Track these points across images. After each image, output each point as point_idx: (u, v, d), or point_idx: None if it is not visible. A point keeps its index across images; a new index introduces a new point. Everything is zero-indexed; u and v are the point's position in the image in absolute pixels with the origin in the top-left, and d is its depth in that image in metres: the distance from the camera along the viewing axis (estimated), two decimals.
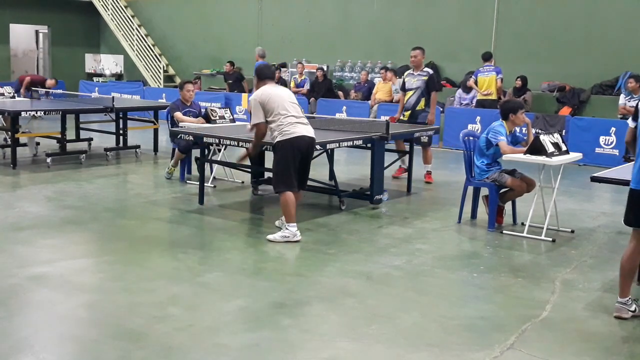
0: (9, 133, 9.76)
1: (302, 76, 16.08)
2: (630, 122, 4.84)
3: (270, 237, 6.11)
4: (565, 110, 13.04)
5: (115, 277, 5.07)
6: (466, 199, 7.06)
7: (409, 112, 9.21)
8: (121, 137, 11.06)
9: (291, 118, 6.10)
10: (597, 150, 11.44)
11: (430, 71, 9.30)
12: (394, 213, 7.48)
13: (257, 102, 6.11)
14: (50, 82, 16.00)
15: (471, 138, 7.16)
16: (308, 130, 6.20)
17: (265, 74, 6.39)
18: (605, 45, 13.29)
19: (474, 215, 7.20)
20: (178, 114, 8.74)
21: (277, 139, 6.09)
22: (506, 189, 6.88)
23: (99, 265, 5.35)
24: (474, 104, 13.53)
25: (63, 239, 6.05)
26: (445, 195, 8.54)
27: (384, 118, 10.08)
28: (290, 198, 6.06)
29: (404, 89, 9.38)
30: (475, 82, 13.14)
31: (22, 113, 9.49)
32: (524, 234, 6.49)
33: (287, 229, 6.08)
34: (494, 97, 12.92)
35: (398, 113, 9.48)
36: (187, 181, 8.75)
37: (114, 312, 4.35)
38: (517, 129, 7.14)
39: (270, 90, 6.17)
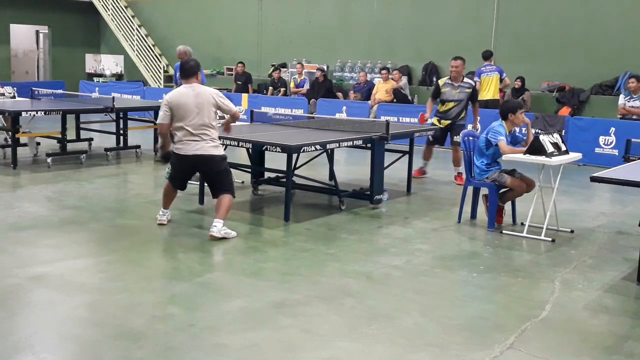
0: (10, 133, 9.76)
1: (301, 76, 16.09)
2: None
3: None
4: (565, 111, 13.05)
5: (115, 277, 5.08)
6: (466, 199, 7.07)
7: (449, 122, 9.21)
8: (121, 137, 11.07)
9: (184, 132, 6.10)
10: (597, 150, 11.45)
11: (473, 82, 9.30)
12: (393, 213, 7.49)
13: (165, 104, 6.13)
14: None
15: (471, 138, 7.17)
16: (196, 148, 6.13)
17: (185, 72, 6.25)
18: (605, 45, 13.30)
19: (473, 215, 7.21)
20: None
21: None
22: (506, 189, 6.88)
23: (99, 265, 5.36)
24: None
25: (63, 239, 6.05)
26: (445, 195, 8.55)
27: (384, 118, 10.09)
28: (166, 187, 6.61)
29: (437, 96, 9.25)
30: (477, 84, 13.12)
31: (23, 113, 9.49)
32: (524, 234, 6.50)
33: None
34: (496, 97, 12.96)
35: (428, 113, 9.44)
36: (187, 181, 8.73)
37: (114, 312, 4.35)
38: (517, 129, 7.15)
39: (182, 94, 6.12)
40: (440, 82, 9.29)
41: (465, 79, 9.24)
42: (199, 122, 6.08)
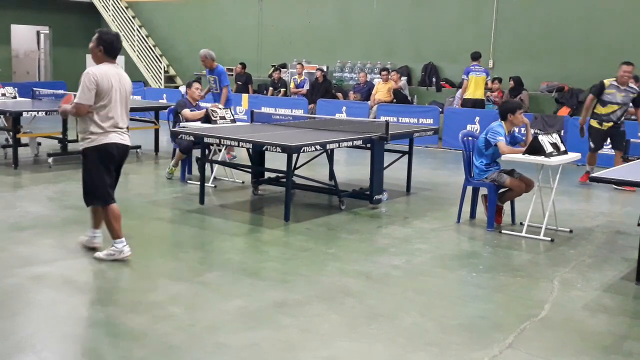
0: (11, 133, 9.78)
1: (301, 77, 16.10)
2: None
3: (96, 254, 5.44)
4: (564, 111, 13.08)
5: (116, 277, 5.10)
6: (465, 199, 7.08)
7: (611, 123, 9.16)
8: None
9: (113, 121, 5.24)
10: None
11: (638, 88, 9.18)
12: (393, 213, 7.50)
13: (92, 79, 5.10)
14: None
15: (470, 138, 7.18)
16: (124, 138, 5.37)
17: (114, 49, 5.28)
18: (605, 45, 13.31)
19: (473, 215, 7.22)
20: (186, 111, 8.85)
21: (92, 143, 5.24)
22: (505, 189, 6.90)
23: (99, 265, 5.37)
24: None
25: (64, 239, 6.06)
26: (445, 195, 8.56)
27: (383, 118, 10.11)
28: (114, 211, 5.36)
29: (599, 94, 9.12)
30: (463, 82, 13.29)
31: (24, 113, 9.51)
32: (523, 234, 6.51)
33: (114, 245, 5.38)
34: (481, 96, 13.13)
35: (583, 118, 9.36)
36: (188, 181, 8.78)
37: (114, 312, 4.37)
38: (516, 129, 7.16)
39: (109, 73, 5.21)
40: (606, 82, 9.09)
41: (631, 84, 9.07)
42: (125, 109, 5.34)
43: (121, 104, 5.29)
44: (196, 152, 8.38)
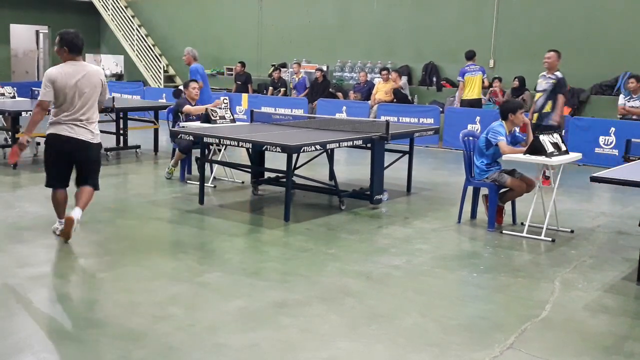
0: (10, 133, 9.76)
1: (299, 75, 16.05)
2: None
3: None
4: (565, 110, 13.04)
5: (115, 277, 5.08)
6: (466, 199, 7.07)
7: (537, 114, 9.19)
8: (121, 137, 11.07)
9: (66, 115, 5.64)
10: (597, 150, 11.45)
11: (560, 75, 9.23)
12: (393, 213, 7.49)
13: (46, 80, 5.58)
14: None
15: (471, 138, 7.17)
16: (75, 131, 5.73)
17: (77, 47, 5.66)
18: (605, 45, 13.31)
19: (473, 215, 7.21)
20: (189, 107, 8.85)
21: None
22: (506, 189, 6.88)
23: (99, 265, 5.36)
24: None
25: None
26: (445, 195, 8.55)
27: (384, 118, 10.09)
28: (55, 197, 5.90)
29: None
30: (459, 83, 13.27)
31: (23, 113, 9.49)
32: (524, 234, 6.50)
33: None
34: (480, 96, 13.12)
35: (530, 114, 9.37)
36: (187, 181, 8.77)
37: (114, 312, 4.35)
38: (517, 129, 7.14)
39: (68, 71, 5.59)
40: (539, 76, 9.37)
41: (556, 72, 9.14)
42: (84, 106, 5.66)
43: (80, 99, 5.65)
44: (196, 152, 8.36)
